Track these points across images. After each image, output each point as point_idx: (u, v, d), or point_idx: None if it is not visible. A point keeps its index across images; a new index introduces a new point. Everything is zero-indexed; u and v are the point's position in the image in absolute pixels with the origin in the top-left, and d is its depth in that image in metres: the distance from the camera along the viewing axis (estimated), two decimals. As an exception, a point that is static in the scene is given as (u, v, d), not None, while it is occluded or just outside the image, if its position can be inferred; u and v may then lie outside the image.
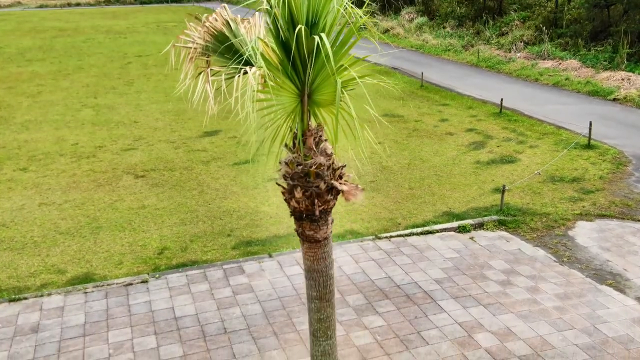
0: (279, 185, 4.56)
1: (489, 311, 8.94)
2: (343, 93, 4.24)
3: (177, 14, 55.79)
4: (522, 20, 33.59)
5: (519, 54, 29.33)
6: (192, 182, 14.27)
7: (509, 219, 12.11)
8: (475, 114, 20.28)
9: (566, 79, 24.64)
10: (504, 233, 11.61)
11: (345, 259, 10.50)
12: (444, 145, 16.99)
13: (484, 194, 13.50)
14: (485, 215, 12.30)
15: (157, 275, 9.95)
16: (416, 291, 9.48)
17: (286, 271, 10.07)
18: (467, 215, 12.35)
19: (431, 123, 19.28)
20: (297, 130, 4.39)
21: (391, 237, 11.30)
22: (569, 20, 30.64)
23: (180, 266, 10.38)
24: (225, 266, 10.25)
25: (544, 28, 29.89)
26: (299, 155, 4.40)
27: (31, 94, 23.65)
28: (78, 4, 65.35)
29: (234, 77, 4.47)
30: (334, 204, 4.68)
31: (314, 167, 4.32)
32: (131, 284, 9.66)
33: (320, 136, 4.46)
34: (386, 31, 38.66)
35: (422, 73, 25.46)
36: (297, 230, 4.70)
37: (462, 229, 11.65)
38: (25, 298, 9.29)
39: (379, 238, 11.27)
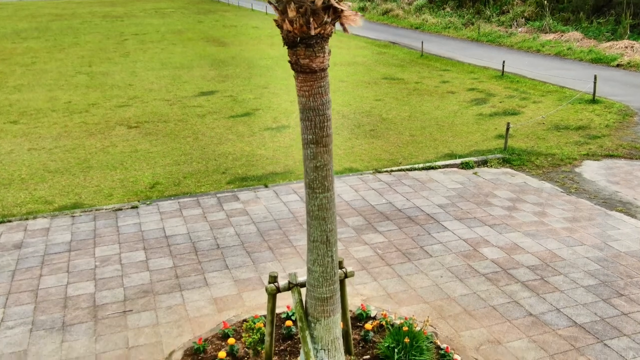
0: (270, 3, 4.17)
1: (495, 230, 8.53)
2: None
3: (175, 2, 55.51)
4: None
5: (520, 29, 28.96)
6: (186, 131, 13.87)
7: (513, 157, 11.71)
8: (477, 77, 19.90)
9: (568, 48, 24.28)
10: (509, 169, 11.21)
11: (344, 188, 10.10)
12: (445, 102, 16.59)
13: (487, 140, 13.10)
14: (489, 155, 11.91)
15: (148, 202, 9.54)
16: (418, 214, 9.07)
17: (282, 198, 9.66)
18: (470, 157, 11.94)
19: (432, 84, 18.89)
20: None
21: (392, 171, 10.89)
22: (570, -4, 30.27)
23: (172, 197, 9.97)
24: (219, 195, 9.85)
25: (546, 2, 29.53)
26: (292, -30, 4.02)
27: (25, 64, 23.26)
28: (76, -4, 64.93)
29: None
30: (332, 30, 4.29)
31: (308, -21, 3.94)
32: (120, 209, 9.25)
33: (315, -49, 4.08)
34: (385, 13, 38.31)
35: (422, 42, 25.07)
36: (291, 61, 4.30)
37: (465, 165, 11.25)
38: (10, 221, 8.88)
39: (379, 172, 10.86)
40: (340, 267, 5.29)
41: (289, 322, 5.93)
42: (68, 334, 6.13)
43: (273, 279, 5.09)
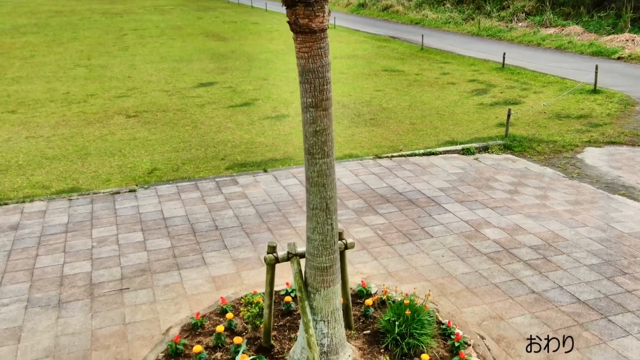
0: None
1: (497, 212, 8.44)
2: None
3: (174, -1, 55.46)
4: (523, -6, 33.12)
5: (520, 24, 28.88)
6: (185, 120, 13.77)
7: (514, 143, 11.62)
8: (477, 69, 19.81)
9: (569, 42, 24.19)
10: (510, 155, 11.12)
11: (343, 172, 10.00)
12: (445, 92, 16.50)
13: (488, 128, 13.01)
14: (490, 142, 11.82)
15: (146, 186, 9.45)
16: (419, 197, 8.98)
17: (282, 182, 9.57)
18: (471, 143, 11.85)
19: (432, 76, 18.81)
20: None
21: (392, 156, 10.80)
22: (570, -9, 30.16)
23: (170, 181, 9.87)
24: (218, 179, 9.75)
25: (546, -3, 29.44)
26: None
27: (23, 57, 23.16)
28: (75, -6, 64.78)
29: None
30: (331, -10, 4.22)
31: None
32: (118, 193, 9.16)
33: None
34: (385, 9, 38.22)
35: (422, 36, 24.98)
36: (289, 21, 4.21)
37: (466, 151, 11.16)
38: (6, 204, 8.78)
39: (380, 157, 10.77)
40: (341, 239, 5.19)
41: (288, 298, 5.84)
42: (64, 310, 6.04)
43: (272, 249, 4.99)
